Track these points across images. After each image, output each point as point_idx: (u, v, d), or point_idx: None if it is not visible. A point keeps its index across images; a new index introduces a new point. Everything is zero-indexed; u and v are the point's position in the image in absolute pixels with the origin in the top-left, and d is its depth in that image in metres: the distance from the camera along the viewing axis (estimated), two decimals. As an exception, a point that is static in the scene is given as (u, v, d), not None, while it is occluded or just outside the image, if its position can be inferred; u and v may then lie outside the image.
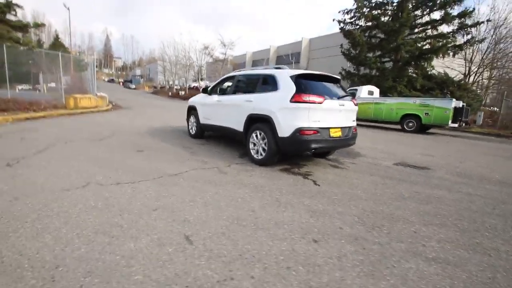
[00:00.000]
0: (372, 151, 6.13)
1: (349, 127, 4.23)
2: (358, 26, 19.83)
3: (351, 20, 19.94)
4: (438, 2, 16.59)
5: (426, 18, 17.78)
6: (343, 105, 4.03)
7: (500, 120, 14.04)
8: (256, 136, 4.22)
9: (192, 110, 6.36)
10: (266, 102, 4.02)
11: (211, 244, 1.97)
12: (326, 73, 4.18)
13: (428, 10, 17.01)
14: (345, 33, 20.21)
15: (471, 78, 20.32)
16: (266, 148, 4.03)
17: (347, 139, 4.18)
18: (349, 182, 3.66)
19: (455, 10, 16.25)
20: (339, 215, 2.59)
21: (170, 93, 39.65)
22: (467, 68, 20.41)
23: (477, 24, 15.86)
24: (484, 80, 22.83)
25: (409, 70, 18.06)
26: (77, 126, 7.39)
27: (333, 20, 20.74)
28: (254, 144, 4.30)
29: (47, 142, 4.96)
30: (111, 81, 68.66)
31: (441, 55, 16.37)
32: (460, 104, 10.98)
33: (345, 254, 1.96)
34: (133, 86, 55.97)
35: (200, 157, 4.51)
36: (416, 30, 18.19)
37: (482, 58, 19.80)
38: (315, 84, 3.93)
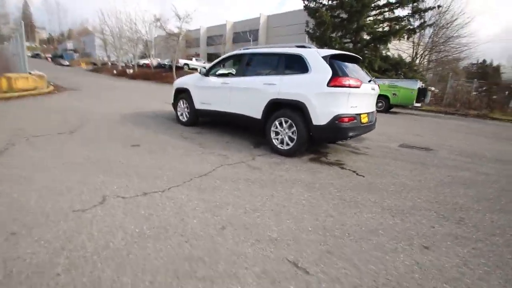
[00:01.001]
0: (367, 133, 6.21)
1: (372, 112, 4.07)
2: (321, 5, 19.80)
3: (315, -1, 19.78)
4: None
5: (383, 1, 18.57)
6: (374, 89, 3.82)
7: (445, 98, 15.88)
8: (280, 124, 3.78)
9: (181, 94, 5.51)
10: (297, 86, 3.56)
11: (329, 269, 1.59)
12: (351, 53, 3.86)
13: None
14: (309, 11, 20.01)
15: (417, 61, 22.39)
16: (294, 137, 3.64)
17: (372, 124, 4.03)
18: (385, 170, 3.54)
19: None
20: (416, 211, 2.42)
21: (115, 71, 35.28)
22: (414, 51, 22.37)
23: (429, 9, 17.22)
24: (425, 62, 25.40)
25: (366, 52, 18.93)
26: (28, 114, 5.86)
27: (297, -3, 20.28)
28: (277, 133, 3.86)
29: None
30: (36, 56, 57.75)
31: (398, 38, 17.50)
32: (422, 85, 11.94)
33: (466, 259, 1.78)
34: (67, 63, 48.29)
35: (214, 150, 3.91)
36: (374, 13, 18.95)
37: (427, 41, 21.86)
38: (346, 65, 3.60)
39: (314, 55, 3.55)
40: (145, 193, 2.41)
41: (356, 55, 3.89)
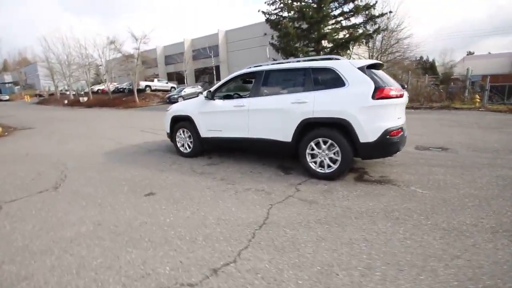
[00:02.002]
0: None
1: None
2: (282, 17, 20.31)
3: (276, 11, 20.24)
4: (347, -4, 18.54)
5: (339, 11, 19.69)
6: (406, 98, 3.62)
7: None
8: (317, 145, 3.36)
9: (179, 122, 4.83)
10: (335, 102, 3.18)
11: None
12: (376, 60, 3.63)
13: (342, 2, 18.84)
14: (271, 23, 20.38)
15: (374, 62, 24.00)
16: (338, 158, 3.23)
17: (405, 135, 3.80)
18: (437, 180, 3.27)
19: (363, 2, 18.59)
20: (526, 231, 2.13)
21: (66, 101, 32.20)
22: (371, 55, 23.97)
23: (381, 15, 18.61)
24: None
25: None
26: (-21, 169, 4.64)
27: (258, 11, 20.59)
28: (313, 156, 3.43)
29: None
30: (-35, 92, 50.59)
31: (358, 44, 18.54)
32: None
33: None
34: (6, 97, 43.22)
35: (245, 185, 3.33)
36: (332, 22, 19.95)
37: (380, 45, 23.63)
38: (379, 73, 3.33)
39: (348, 67, 3.23)
40: (214, 269, 1.76)
41: (380, 62, 3.66)
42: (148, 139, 7.02)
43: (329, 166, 3.33)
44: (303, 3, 18.91)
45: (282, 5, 19.47)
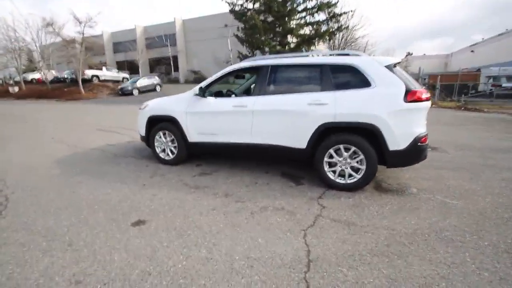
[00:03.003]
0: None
1: None
2: (246, 9, 19.61)
3: (241, 2, 19.44)
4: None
5: (303, 6, 19.71)
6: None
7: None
8: (337, 151, 2.96)
9: (159, 123, 4.00)
10: (361, 105, 2.79)
11: None
12: (397, 58, 3.34)
13: (307, -2, 18.92)
14: (236, 15, 19.56)
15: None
16: (362, 167, 2.88)
17: None
18: (453, 186, 3.15)
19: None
20: None
21: (-9, 92, 26.95)
22: (331, 50, 24.85)
23: (343, 13, 19.16)
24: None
25: None
26: None
27: (222, 0, 19.51)
28: (331, 164, 3.03)
29: None
30: None
31: (322, 40, 18.90)
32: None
33: None
34: None
35: (258, 202, 2.77)
36: (297, 17, 19.95)
37: (340, 42, 24.57)
38: (403, 73, 3.03)
39: (374, 65, 2.86)
40: None
41: (398, 59, 3.37)
42: (110, 141, 5.91)
43: (350, 175, 2.96)
44: (268, -4, 18.49)
45: (248, -5, 18.74)
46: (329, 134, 2.97)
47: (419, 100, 2.72)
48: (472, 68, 22.46)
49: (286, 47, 19.72)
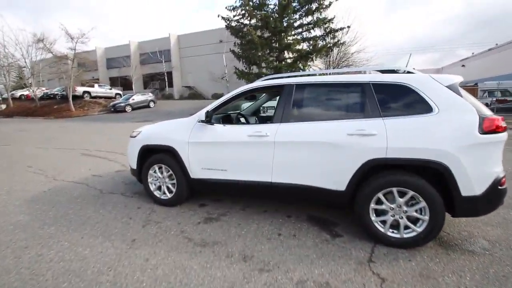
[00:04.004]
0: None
1: None
2: (243, 25, 19.43)
3: (237, 18, 19.26)
4: (307, 8, 18.61)
5: (299, 22, 19.65)
6: None
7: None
8: (387, 196, 2.28)
9: (155, 155, 3.28)
10: (423, 136, 2.13)
11: None
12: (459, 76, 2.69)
13: (304, 14, 18.83)
14: (232, 30, 19.33)
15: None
16: (424, 218, 2.19)
17: None
18: (530, 236, 2.49)
19: (322, 15, 18.85)
20: None
21: (-24, 109, 25.88)
22: (326, 66, 24.76)
23: (340, 29, 19.12)
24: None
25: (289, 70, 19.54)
26: None
27: (218, 16, 19.32)
28: (379, 212, 2.33)
29: None
30: None
31: (320, 55, 18.71)
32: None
33: None
34: None
35: (288, 271, 2.03)
36: (294, 32, 19.85)
37: (335, 57, 24.55)
38: (470, 95, 2.41)
39: (434, 85, 2.24)
40: None
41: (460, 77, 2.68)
42: (97, 170, 5.12)
43: (407, 228, 2.27)
44: (263, 12, 18.34)
45: (243, 11, 18.58)
46: (378, 173, 2.30)
47: (498, 130, 2.08)
48: (466, 82, 22.60)
49: (283, 62, 19.49)
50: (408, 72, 2.48)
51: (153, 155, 3.30)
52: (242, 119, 3.79)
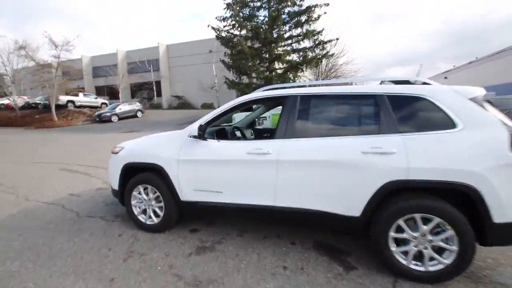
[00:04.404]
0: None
1: None
2: (233, 35, 19.40)
3: (227, 29, 19.22)
4: (296, 20, 18.83)
5: (289, 33, 19.82)
6: None
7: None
8: (408, 223, 1.99)
9: (142, 174, 2.90)
10: (448, 156, 1.87)
11: None
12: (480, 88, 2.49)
13: (293, 26, 19.01)
14: (223, 40, 19.24)
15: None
16: (452, 247, 1.91)
17: None
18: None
19: (311, 27, 19.09)
20: None
21: (-50, 119, 24.39)
22: (316, 77, 25.01)
23: (329, 41, 19.35)
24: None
25: (278, 81, 19.53)
26: None
27: (208, 26, 19.25)
28: (400, 242, 2.04)
29: None
30: None
31: (310, 66, 18.83)
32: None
33: None
34: None
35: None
36: (284, 43, 19.97)
37: (324, 68, 24.89)
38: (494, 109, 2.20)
39: (455, 97, 2.01)
40: None
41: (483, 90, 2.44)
42: (75, 187, 4.64)
43: (432, 259, 1.98)
44: (254, 23, 18.40)
45: (234, 22, 18.57)
46: (397, 197, 2.02)
47: (533, 148, 1.86)
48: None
49: (274, 73, 19.48)
50: (424, 83, 2.25)
51: (138, 173, 2.91)
52: (238, 133, 3.49)
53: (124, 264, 2.35)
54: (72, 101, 24.45)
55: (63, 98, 23.76)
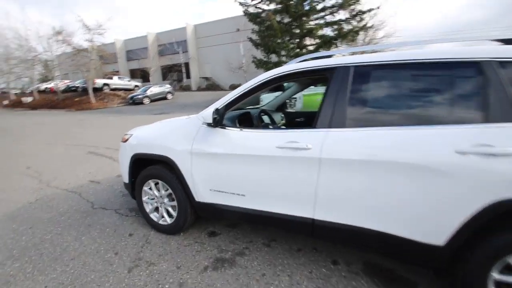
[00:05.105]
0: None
1: None
2: (261, 10, 18.17)
3: (255, 3, 18.01)
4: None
5: (322, 5, 18.03)
6: None
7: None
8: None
9: (152, 167, 2.46)
10: None
11: None
12: None
13: (326, -5, 17.21)
14: (250, 16, 18.14)
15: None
16: None
17: None
18: None
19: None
20: None
21: (6, 101, 26.93)
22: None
23: (368, 11, 17.34)
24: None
25: None
26: None
27: (235, 1, 18.19)
28: (501, 286, 1.36)
29: None
30: None
31: (347, 41, 17.14)
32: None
33: None
34: None
35: None
36: (316, 16, 18.30)
37: (362, 43, 22.65)
38: None
39: None
40: None
41: None
42: (97, 174, 4.45)
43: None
44: (285, -5, 16.94)
45: (263, -5, 17.29)
46: (508, 221, 1.31)
47: None
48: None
49: (305, 49, 18.09)
50: None
51: (148, 166, 2.48)
52: (266, 118, 2.87)
53: (128, 277, 1.96)
54: (107, 84, 25.38)
55: (99, 81, 24.74)
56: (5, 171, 4.93)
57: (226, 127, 2.03)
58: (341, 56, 1.81)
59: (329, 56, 1.85)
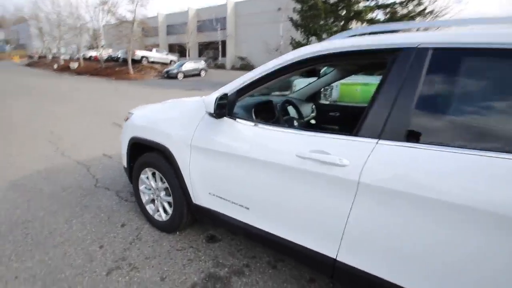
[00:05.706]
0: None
1: None
2: (305, -13, 16.80)
3: (300, -21, 16.67)
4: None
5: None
6: None
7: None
8: None
9: (148, 153, 2.11)
10: None
11: None
12: None
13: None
14: (294, -6, 16.91)
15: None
16: None
17: None
18: None
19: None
20: None
21: (56, 66, 28.93)
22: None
23: (429, -7, 15.25)
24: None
25: None
26: None
27: (279, -24, 16.99)
28: None
29: None
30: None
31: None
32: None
33: None
34: (-9, 55, 39.74)
35: None
36: (367, -3, 16.51)
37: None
38: None
39: None
40: None
41: None
42: (112, 147, 4.30)
43: None
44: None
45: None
46: None
47: None
48: None
49: (349, 34, 16.57)
50: None
51: (146, 152, 2.13)
52: (292, 111, 2.34)
53: (104, 281, 1.67)
54: (146, 57, 25.95)
55: (139, 53, 25.36)
56: (30, 133, 5.02)
57: (237, 119, 1.56)
58: (409, 32, 1.21)
59: (393, 32, 1.25)
